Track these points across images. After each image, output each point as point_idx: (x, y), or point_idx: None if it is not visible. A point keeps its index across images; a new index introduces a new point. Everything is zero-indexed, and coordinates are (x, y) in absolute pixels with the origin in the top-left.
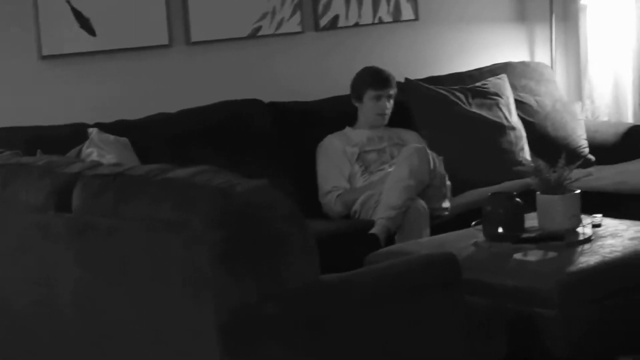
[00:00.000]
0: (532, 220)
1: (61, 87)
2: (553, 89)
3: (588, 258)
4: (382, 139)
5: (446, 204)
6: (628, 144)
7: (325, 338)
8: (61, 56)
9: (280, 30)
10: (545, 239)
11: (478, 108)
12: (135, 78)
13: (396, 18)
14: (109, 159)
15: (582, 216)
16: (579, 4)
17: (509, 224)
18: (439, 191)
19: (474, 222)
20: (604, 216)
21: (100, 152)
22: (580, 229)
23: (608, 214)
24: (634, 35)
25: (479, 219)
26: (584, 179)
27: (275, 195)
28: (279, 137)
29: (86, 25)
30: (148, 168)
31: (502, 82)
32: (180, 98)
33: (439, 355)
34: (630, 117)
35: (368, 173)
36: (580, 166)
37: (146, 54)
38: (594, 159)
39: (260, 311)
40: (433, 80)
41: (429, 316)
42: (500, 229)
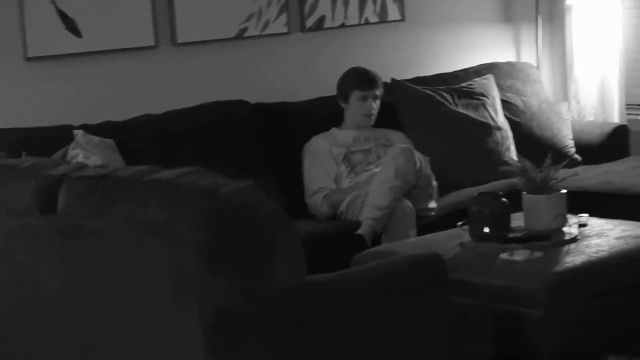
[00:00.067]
0: (518, 220)
1: (47, 88)
2: (539, 89)
3: (574, 258)
4: (369, 140)
5: (432, 204)
6: (614, 143)
7: (312, 339)
8: (47, 58)
9: (267, 32)
10: (531, 238)
11: (464, 108)
12: (121, 79)
13: (382, 19)
14: (94, 160)
15: (568, 216)
16: (565, 4)
17: (495, 224)
18: (425, 191)
19: (461, 222)
20: (590, 216)
21: (85, 153)
22: (566, 229)
23: (594, 213)
24: (620, 35)
25: (465, 219)
26: (570, 179)
27: (261, 196)
28: (265, 138)
29: (72, 26)
30: (134, 169)
31: (489, 83)
32: (166, 99)
33: (425, 355)
34: (616, 117)
35: (354, 173)
36: (566, 166)
37: (132, 55)
38: (580, 158)
39: (246, 312)
40: (419, 80)
41: (415, 316)
42: (487, 229)
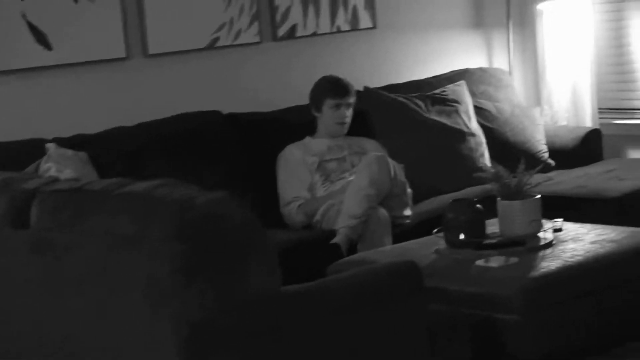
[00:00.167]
0: (493, 226)
1: (18, 102)
2: (511, 94)
3: (550, 263)
4: (342, 148)
5: (407, 212)
6: (587, 148)
7: (288, 349)
8: (17, 71)
9: (238, 41)
10: (506, 244)
11: (437, 115)
12: (93, 92)
13: (354, 26)
14: (67, 173)
15: (543, 221)
16: (536, 10)
17: (470, 230)
18: (400, 199)
19: (436, 230)
20: (564, 220)
21: (58, 167)
22: (541, 234)
23: (569, 218)
24: (591, 40)
25: (440, 227)
26: (544, 184)
27: (234, 207)
28: (239, 148)
29: (42, 39)
30: (106, 182)
31: (461, 89)
32: (139, 111)
33: None
34: (588, 121)
35: (329, 182)
36: (540, 171)
37: (103, 67)
38: (553, 163)
39: (220, 323)
40: (392, 88)
41: (391, 325)
42: (462, 236)
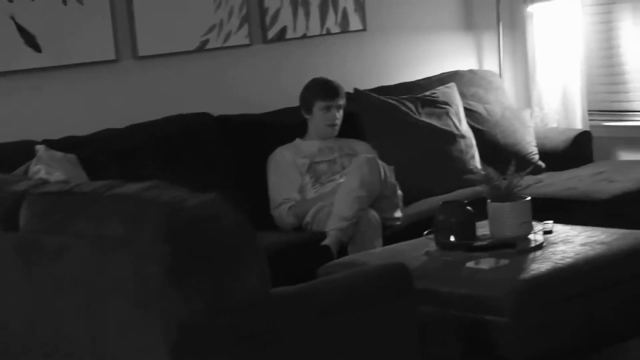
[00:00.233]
0: (483, 228)
1: (7, 104)
2: (502, 96)
3: (540, 265)
4: (333, 150)
5: (398, 213)
6: (577, 150)
7: (279, 352)
8: (7, 73)
9: (228, 43)
10: (497, 246)
11: (428, 117)
12: (83, 94)
13: (344, 29)
14: (57, 175)
15: (533, 223)
16: (526, 12)
17: (460, 232)
18: (390, 201)
19: (426, 232)
20: (555, 222)
21: (48, 169)
22: (531, 236)
23: (559, 220)
24: (581, 42)
25: (431, 228)
26: (535, 186)
27: (224, 209)
28: (229, 151)
29: (31, 41)
30: (95, 185)
31: (451, 91)
32: (129, 113)
33: None
34: (579, 123)
35: (319, 184)
36: (530, 173)
37: (93, 69)
38: (544, 165)
39: (210, 326)
40: (382, 90)
41: (382, 327)
42: (452, 238)
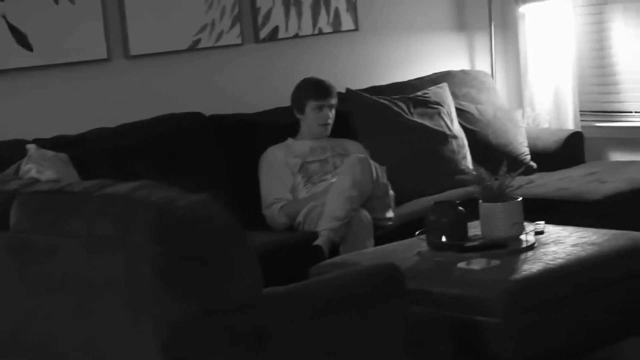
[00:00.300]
0: (475, 228)
1: None
2: (494, 96)
3: (531, 265)
4: (325, 150)
5: (390, 214)
6: (569, 150)
7: (270, 352)
8: None
9: (220, 43)
10: (488, 247)
11: (420, 117)
12: (74, 93)
13: (336, 28)
14: (48, 175)
15: (525, 223)
16: (518, 12)
17: (452, 233)
18: (382, 201)
19: (418, 232)
20: (546, 223)
21: (39, 168)
22: (523, 237)
23: (550, 220)
24: (573, 43)
25: (422, 229)
26: (526, 186)
27: (215, 209)
28: (221, 150)
29: (23, 40)
30: (87, 184)
31: (443, 91)
32: (120, 112)
33: None
34: (570, 123)
35: (311, 184)
36: (522, 173)
37: (85, 68)
38: (535, 166)
39: (201, 327)
40: (374, 90)
41: (373, 327)
42: (444, 238)
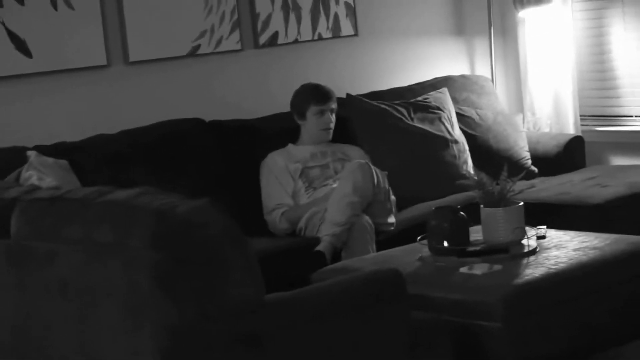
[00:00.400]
0: (476, 233)
1: None
2: (494, 101)
3: (533, 270)
4: (326, 155)
5: (391, 219)
6: (570, 155)
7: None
8: None
9: (220, 48)
10: (490, 251)
11: (420, 122)
12: (74, 99)
13: (336, 34)
14: (49, 181)
15: (526, 228)
16: (517, 17)
17: (453, 237)
18: (383, 206)
19: (419, 237)
20: (547, 227)
21: (40, 175)
22: (524, 241)
23: (552, 225)
24: (572, 47)
25: (424, 234)
26: (527, 191)
27: (215, 215)
28: (221, 156)
29: (22, 47)
30: (86, 191)
31: (444, 96)
32: (120, 118)
33: None
34: (571, 128)
35: (312, 189)
36: (523, 178)
37: (84, 74)
38: (536, 170)
39: (201, 331)
40: (374, 95)
41: (374, 333)
42: (445, 243)
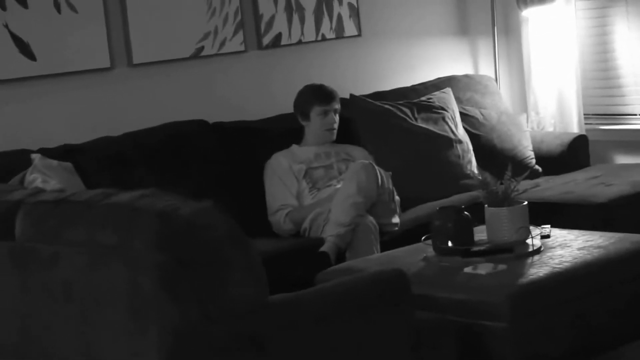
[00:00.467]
0: (481, 233)
1: (2, 113)
2: (498, 101)
3: (538, 270)
4: (329, 155)
5: (395, 219)
6: (574, 154)
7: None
8: (1, 82)
9: (223, 50)
10: (494, 251)
11: (424, 122)
12: (78, 102)
13: (339, 34)
14: (53, 184)
15: (531, 227)
16: (521, 17)
17: (458, 237)
18: (387, 207)
19: (424, 237)
20: (552, 226)
21: (44, 177)
22: (529, 241)
23: (556, 224)
24: (575, 46)
25: (428, 234)
26: (532, 190)
27: (218, 217)
28: (225, 157)
29: (26, 50)
30: (90, 193)
31: (447, 96)
32: (124, 121)
33: None
34: (575, 127)
35: (316, 190)
36: (527, 177)
37: (88, 77)
38: (540, 169)
39: (206, 333)
40: (378, 95)
41: (378, 333)
42: (450, 243)
